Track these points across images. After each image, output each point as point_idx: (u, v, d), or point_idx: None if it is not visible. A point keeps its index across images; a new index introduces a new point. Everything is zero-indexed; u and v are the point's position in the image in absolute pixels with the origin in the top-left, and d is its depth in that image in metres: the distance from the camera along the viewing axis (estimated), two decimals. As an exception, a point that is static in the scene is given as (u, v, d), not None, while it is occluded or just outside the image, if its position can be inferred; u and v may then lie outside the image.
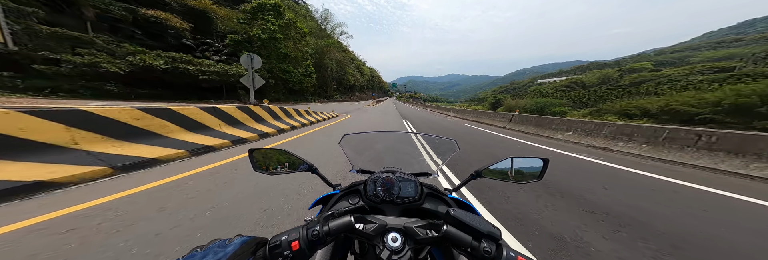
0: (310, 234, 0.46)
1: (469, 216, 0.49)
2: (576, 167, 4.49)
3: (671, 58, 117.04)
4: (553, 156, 5.36)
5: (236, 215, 2.07)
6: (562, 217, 2.33)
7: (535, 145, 7.10)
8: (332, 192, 0.84)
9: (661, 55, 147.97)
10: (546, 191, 3.02)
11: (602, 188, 3.26)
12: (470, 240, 0.47)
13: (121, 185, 2.61)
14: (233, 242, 0.43)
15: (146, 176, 2.93)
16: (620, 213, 2.47)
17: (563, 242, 1.90)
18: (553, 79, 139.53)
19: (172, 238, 1.70)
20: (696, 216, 2.49)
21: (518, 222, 2.21)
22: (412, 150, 1.09)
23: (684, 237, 2.04)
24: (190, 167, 3.36)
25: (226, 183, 2.83)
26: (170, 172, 3.11)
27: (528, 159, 0.86)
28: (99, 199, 2.24)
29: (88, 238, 1.65)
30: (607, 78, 79.86)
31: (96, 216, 1.95)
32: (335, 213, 0.53)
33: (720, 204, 2.87)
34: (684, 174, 4.21)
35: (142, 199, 2.30)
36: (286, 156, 0.91)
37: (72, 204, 2.13)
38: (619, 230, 2.12)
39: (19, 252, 1.50)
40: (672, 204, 2.81)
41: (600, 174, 4.00)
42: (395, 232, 0.52)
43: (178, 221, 1.92)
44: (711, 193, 3.23)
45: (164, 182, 2.76)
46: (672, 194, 3.16)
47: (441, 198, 0.79)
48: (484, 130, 10.95)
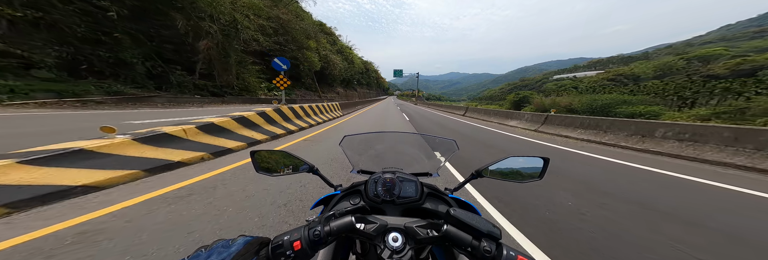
0: (312, 234, 0.47)
1: (469, 216, 0.50)
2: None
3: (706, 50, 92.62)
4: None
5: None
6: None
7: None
8: (333, 193, 0.86)
9: (689, 47, 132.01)
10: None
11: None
12: (470, 239, 0.48)
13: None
14: (236, 242, 0.44)
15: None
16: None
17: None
18: (573, 75, 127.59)
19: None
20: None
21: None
22: (412, 150, 1.15)
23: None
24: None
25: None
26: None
27: (528, 159, 0.87)
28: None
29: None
30: (667, 68, 67.76)
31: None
32: (336, 214, 0.54)
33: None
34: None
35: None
36: (288, 158, 0.93)
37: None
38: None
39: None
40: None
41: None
42: (396, 232, 0.53)
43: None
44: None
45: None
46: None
47: (441, 198, 0.80)
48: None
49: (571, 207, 2.72)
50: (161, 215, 2.19)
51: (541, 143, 7.51)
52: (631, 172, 4.29)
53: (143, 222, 2.04)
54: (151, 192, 2.65)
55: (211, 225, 2.05)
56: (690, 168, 4.55)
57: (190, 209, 2.32)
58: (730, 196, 3.22)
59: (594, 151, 6.13)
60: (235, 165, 3.81)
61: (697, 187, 3.54)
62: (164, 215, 2.19)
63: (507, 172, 0.88)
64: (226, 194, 2.71)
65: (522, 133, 9.75)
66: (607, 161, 5.11)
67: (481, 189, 3.20)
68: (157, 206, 2.36)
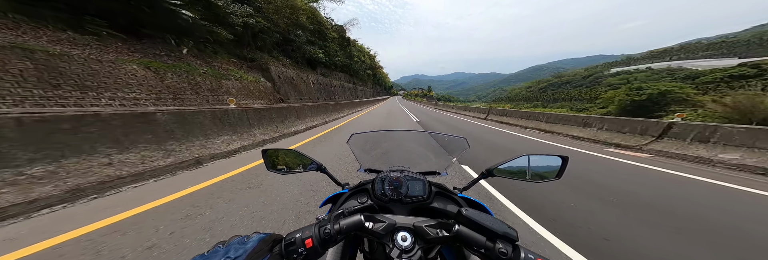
0: (323, 233, 0.47)
1: (483, 216, 0.49)
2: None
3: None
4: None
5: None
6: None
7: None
8: (341, 192, 0.86)
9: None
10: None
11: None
12: (484, 240, 0.46)
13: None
14: (251, 239, 0.45)
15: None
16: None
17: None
18: (634, 67, 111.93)
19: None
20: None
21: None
22: (420, 148, 1.14)
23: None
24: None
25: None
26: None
27: (545, 157, 0.83)
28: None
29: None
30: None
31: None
32: (345, 212, 0.54)
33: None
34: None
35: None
36: (297, 157, 0.96)
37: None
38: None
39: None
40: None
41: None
42: (405, 231, 0.53)
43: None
44: None
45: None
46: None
47: (450, 197, 0.79)
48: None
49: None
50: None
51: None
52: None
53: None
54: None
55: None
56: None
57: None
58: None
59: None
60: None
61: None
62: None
63: (521, 171, 0.83)
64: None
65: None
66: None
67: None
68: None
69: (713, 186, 3.57)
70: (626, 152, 5.96)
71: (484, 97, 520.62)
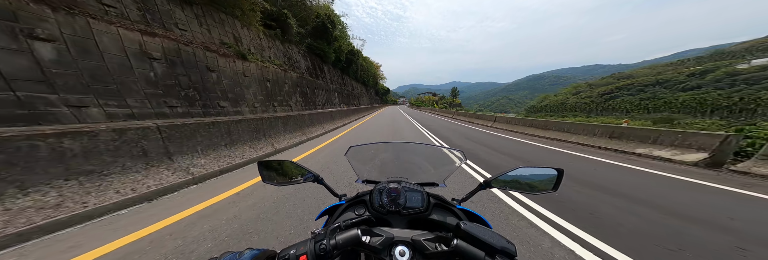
0: (318, 248, 0.46)
1: (482, 230, 0.48)
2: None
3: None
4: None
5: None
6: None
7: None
8: (338, 203, 0.84)
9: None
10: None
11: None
12: (483, 255, 0.46)
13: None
14: (244, 255, 0.44)
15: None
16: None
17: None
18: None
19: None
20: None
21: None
22: (418, 159, 1.10)
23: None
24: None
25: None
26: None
27: (540, 169, 0.83)
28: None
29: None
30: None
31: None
32: (342, 226, 0.54)
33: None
34: None
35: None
36: (294, 168, 0.94)
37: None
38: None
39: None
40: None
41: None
42: (403, 245, 0.52)
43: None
44: None
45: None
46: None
47: (449, 209, 0.78)
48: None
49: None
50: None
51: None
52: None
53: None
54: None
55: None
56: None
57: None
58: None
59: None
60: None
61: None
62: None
63: (518, 183, 0.84)
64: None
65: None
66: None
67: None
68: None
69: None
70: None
71: (488, 106, 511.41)
